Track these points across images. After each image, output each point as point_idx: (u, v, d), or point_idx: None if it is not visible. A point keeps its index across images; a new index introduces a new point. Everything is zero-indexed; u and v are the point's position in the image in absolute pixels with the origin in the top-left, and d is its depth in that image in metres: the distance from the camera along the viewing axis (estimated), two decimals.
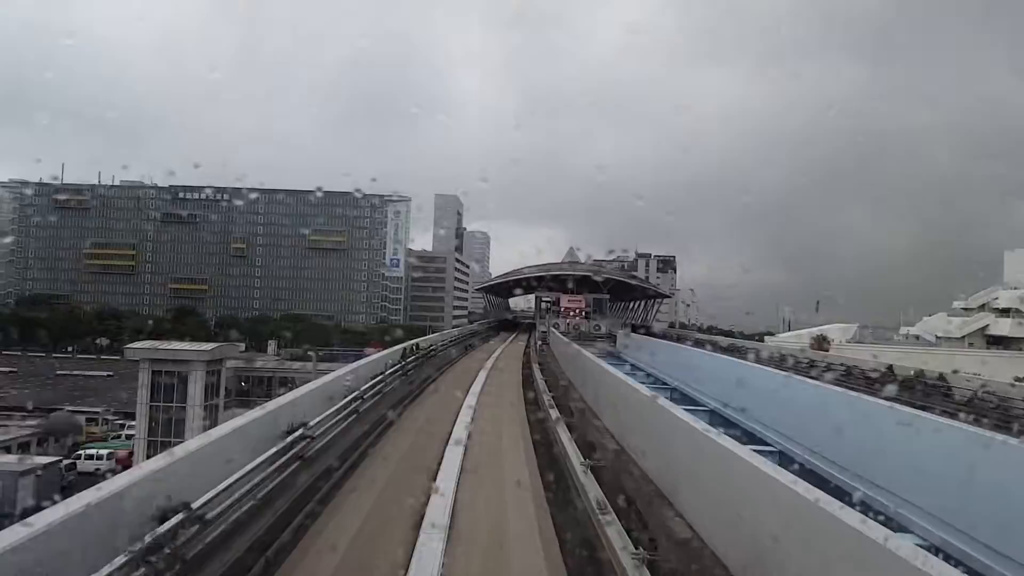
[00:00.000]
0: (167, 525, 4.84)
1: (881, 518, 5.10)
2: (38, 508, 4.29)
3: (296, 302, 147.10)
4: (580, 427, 12.58)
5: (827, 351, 62.38)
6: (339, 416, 11.05)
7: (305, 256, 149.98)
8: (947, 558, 5.72)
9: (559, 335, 40.82)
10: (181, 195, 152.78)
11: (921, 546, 5.28)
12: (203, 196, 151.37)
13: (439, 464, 10.47)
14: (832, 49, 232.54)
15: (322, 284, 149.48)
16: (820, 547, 4.41)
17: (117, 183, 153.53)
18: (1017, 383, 24.69)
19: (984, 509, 8.60)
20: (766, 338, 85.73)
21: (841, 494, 6.21)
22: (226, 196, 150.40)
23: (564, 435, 11.42)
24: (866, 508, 6.55)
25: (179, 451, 6.00)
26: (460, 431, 12.90)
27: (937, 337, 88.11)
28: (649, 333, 70.94)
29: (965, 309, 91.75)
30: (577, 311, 70.50)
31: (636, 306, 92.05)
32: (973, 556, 8.44)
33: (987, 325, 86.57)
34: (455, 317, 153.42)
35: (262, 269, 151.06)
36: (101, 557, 4.33)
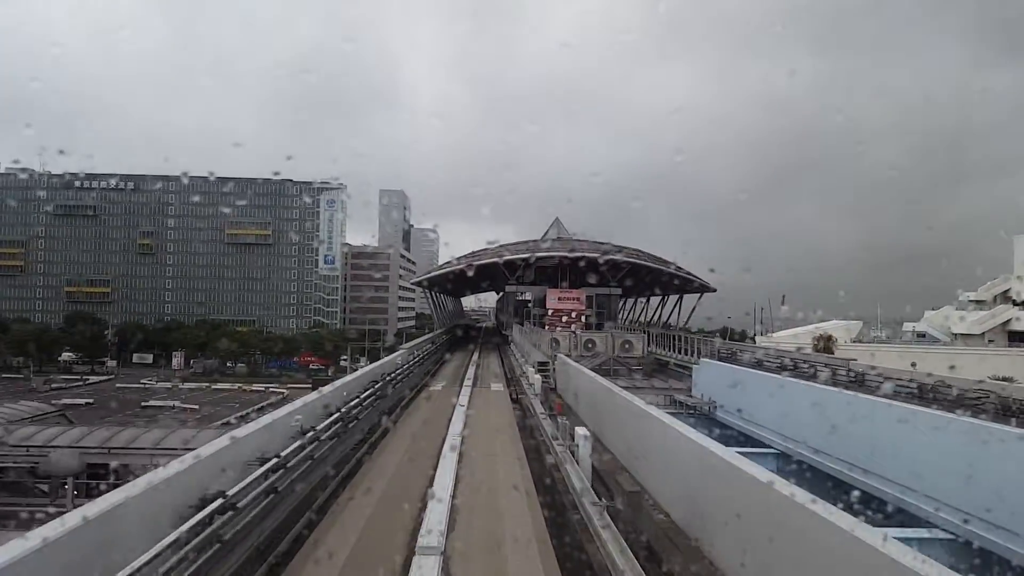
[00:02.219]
0: None
1: None
2: None
3: (215, 306, 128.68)
4: None
5: (832, 353, 50.50)
6: None
7: (225, 252, 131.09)
8: None
9: (579, 370, 19.48)
10: (79, 184, 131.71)
11: None
12: (105, 185, 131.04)
13: None
14: (794, 42, 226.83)
15: (245, 284, 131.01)
16: None
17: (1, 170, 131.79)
18: None
19: None
20: (758, 339, 73.81)
21: None
22: (131, 184, 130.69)
23: None
24: None
25: None
26: None
27: (954, 335, 78.19)
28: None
29: (977, 302, 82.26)
30: (574, 315, 46.16)
31: (649, 304, 63.72)
32: None
33: (1009, 320, 76.51)
34: (401, 319, 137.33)
35: (175, 268, 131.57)
36: None
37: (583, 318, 46.77)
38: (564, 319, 46.18)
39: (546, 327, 42.66)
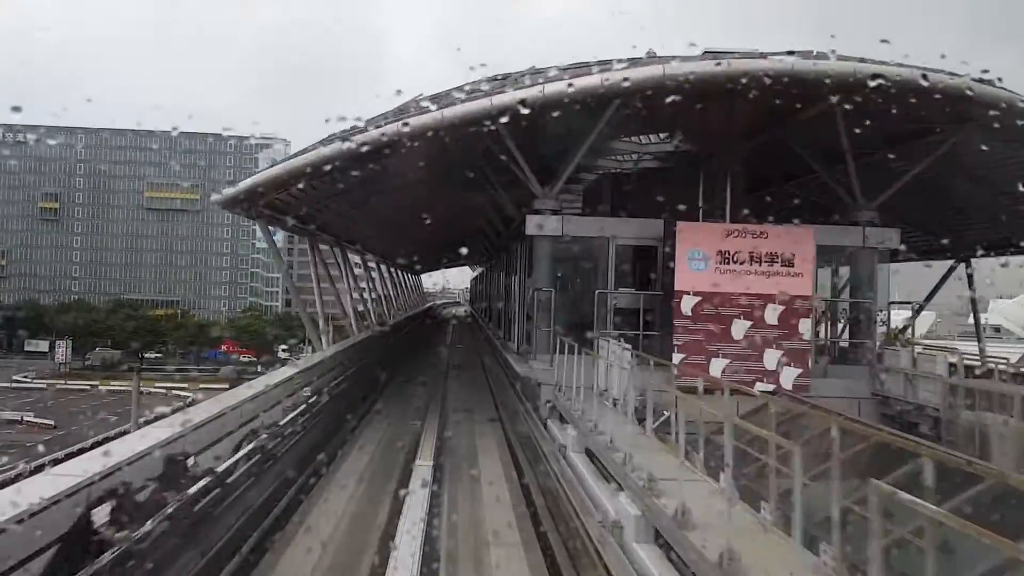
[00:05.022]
0: None
1: None
2: None
3: (131, 283, 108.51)
4: None
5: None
6: None
7: (144, 219, 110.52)
8: None
9: None
10: None
11: None
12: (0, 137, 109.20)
13: None
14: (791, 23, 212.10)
15: (168, 258, 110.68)
16: None
17: None
18: None
19: None
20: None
21: None
22: (32, 136, 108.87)
23: None
24: None
25: None
26: None
27: None
28: None
29: None
30: (794, 326, 13.61)
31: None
32: None
33: None
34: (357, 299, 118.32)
35: (84, 237, 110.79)
36: None
37: (807, 325, 14.20)
38: (748, 333, 13.41)
39: (677, 349, 13.57)
